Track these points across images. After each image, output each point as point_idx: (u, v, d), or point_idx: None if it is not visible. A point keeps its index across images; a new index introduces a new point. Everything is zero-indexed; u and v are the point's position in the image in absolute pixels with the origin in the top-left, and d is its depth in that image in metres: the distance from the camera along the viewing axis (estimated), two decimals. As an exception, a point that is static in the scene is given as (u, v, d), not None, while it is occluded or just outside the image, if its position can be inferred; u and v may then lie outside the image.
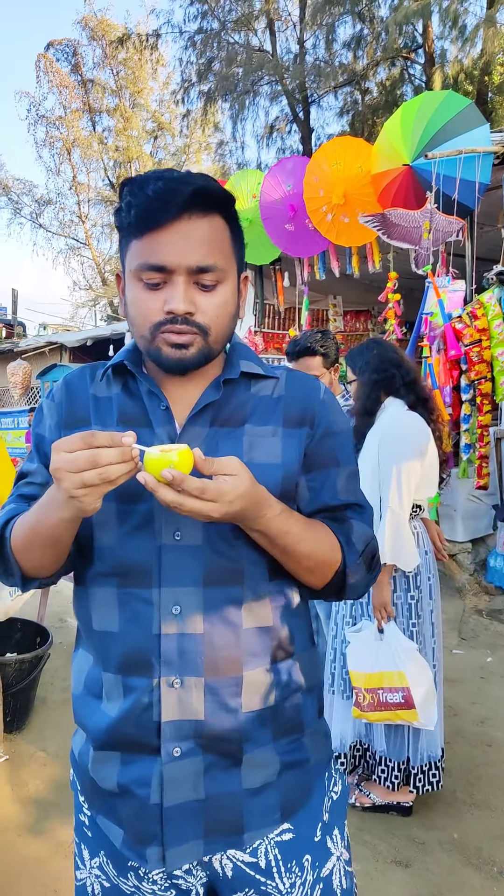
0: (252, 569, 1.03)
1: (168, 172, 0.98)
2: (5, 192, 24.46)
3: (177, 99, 17.55)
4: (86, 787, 1.11)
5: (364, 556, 1.10)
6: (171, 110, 22.65)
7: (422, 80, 13.32)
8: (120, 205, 1.00)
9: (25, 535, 1.01)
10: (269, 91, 15.35)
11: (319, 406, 1.11)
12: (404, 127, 4.87)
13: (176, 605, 0.99)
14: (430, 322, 4.61)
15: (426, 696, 2.41)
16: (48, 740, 3.19)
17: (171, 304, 0.96)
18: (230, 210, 1.02)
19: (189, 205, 0.95)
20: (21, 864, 2.37)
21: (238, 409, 1.07)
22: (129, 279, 1.02)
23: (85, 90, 23.30)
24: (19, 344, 14.17)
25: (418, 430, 2.54)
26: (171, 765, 0.99)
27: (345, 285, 7.41)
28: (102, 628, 1.04)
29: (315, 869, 1.07)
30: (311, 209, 5.64)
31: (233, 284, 1.04)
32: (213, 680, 1.00)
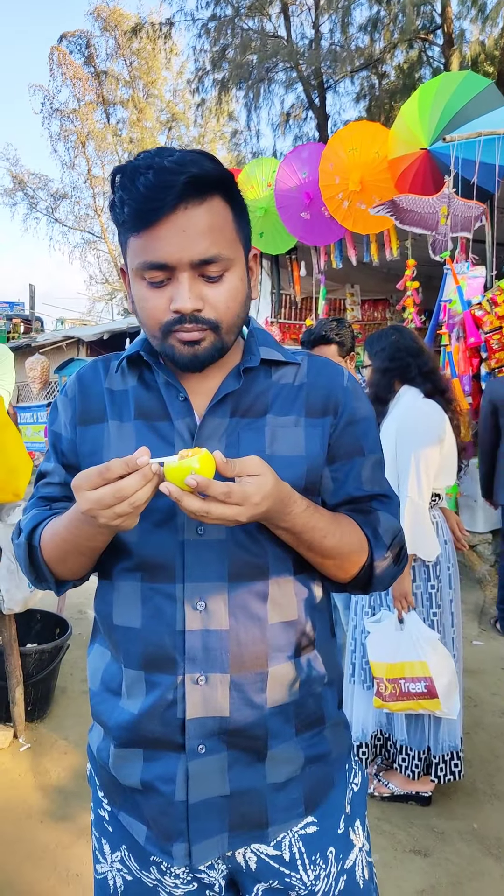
0: (276, 563, 1.02)
1: (159, 157, 0.91)
2: (21, 187, 24.57)
3: (191, 88, 17.47)
4: (105, 783, 1.10)
5: (391, 548, 1.07)
6: (185, 100, 22.60)
7: (440, 61, 13.11)
8: (113, 199, 0.96)
9: (59, 547, 1.01)
10: (284, 78, 15.22)
11: (343, 393, 1.08)
12: (422, 110, 4.80)
13: (200, 600, 0.98)
14: (449, 309, 4.56)
15: (449, 686, 2.40)
16: (69, 729, 3.21)
17: (177, 304, 0.93)
18: (229, 188, 0.97)
19: (184, 195, 0.90)
20: (43, 850, 2.39)
21: (259, 398, 1.04)
22: (132, 277, 0.98)
23: (98, 82, 23.28)
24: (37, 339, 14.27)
25: (435, 418, 2.51)
26: (196, 762, 0.98)
27: (362, 274, 7.35)
28: (124, 623, 1.03)
29: (339, 861, 1.07)
30: (326, 196, 5.59)
31: (241, 269, 0.99)
32: (239, 676, 0.99)
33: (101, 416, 1.06)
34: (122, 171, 0.94)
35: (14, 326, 16.75)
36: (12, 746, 3.01)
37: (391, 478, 2.49)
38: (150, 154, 0.94)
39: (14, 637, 2.99)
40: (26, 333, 16.52)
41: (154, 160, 0.91)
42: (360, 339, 8.34)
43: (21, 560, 1.09)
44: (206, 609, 0.98)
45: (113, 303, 25.70)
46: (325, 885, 1.05)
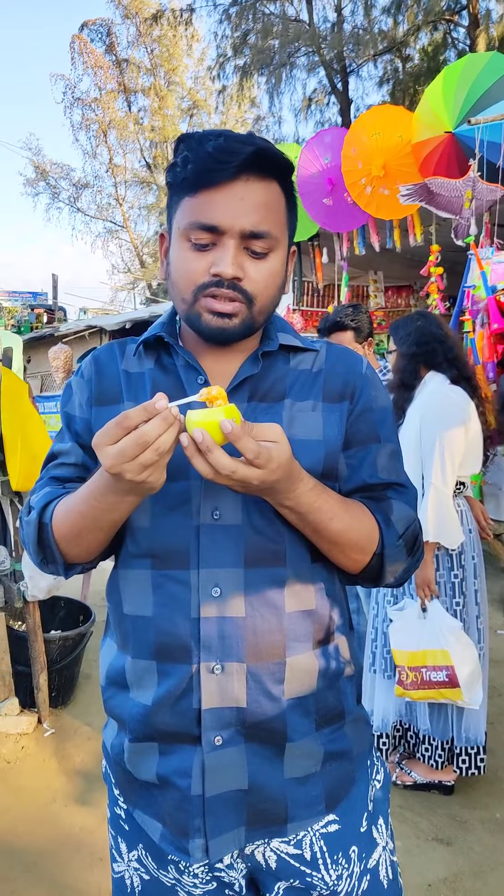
0: (294, 549, 0.99)
1: (227, 131, 0.95)
2: (43, 177, 24.64)
3: (212, 75, 17.37)
4: (120, 780, 1.08)
5: (405, 537, 1.03)
6: (207, 87, 22.47)
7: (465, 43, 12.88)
8: (175, 160, 0.96)
9: (75, 523, 0.97)
10: (306, 62, 15.05)
11: (361, 380, 1.07)
12: (446, 92, 4.70)
13: (216, 586, 0.95)
14: (473, 295, 4.48)
15: (471, 676, 2.38)
16: (93, 715, 3.25)
17: (219, 267, 0.92)
18: (288, 179, 0.98)
19: (248, 166, 0.91)
20: (67, 834, 2.43)
21: (277, 382, 1.03)
22: (175, 238, 0.98)
23: (119, 70, 23.22)
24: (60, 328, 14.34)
25: (461, 405, 2.48)
26: (212, 754, 0.96)
27: (385, 260, 7.26)
28: (134, 612, 1.01)
29: (362, 860, 1.04)
30: (349, 182, 5.51)
31: (283, 255, 1.00)
32: (256, 665, 0.96)
33: (117, 397, 1.05)
34: (191, 137, 0.96)
35: (38, 316, 16.85)
36: (37, 732, 3.05)
37: (415, 464, 2.46)
38: (217, 129, 0.97)
39: (38, 624, 3.02)
40: (49, 323, 16.60)
41: (224, 131, 0.95)
42: (384, 327, 8.27)
43: (29, 540, 1.04)
44: (221, 595, 0.95)
45: (135, 292, 25.73)
46: (347, 886, 1.02)
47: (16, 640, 3.08)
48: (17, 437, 2.77)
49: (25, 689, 3.11)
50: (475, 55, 5.31)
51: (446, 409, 2.47)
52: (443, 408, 2.47)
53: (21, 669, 3.08)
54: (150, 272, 23.68)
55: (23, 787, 2.70)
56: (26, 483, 2.84)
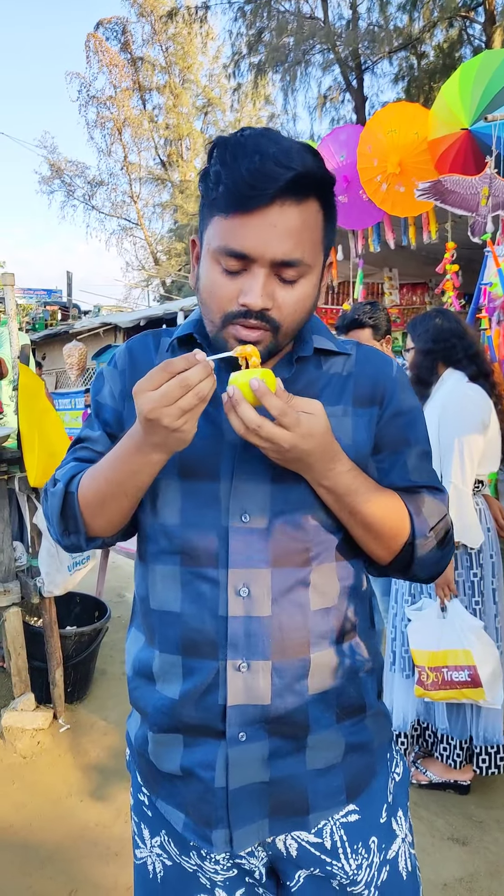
0: (320, 549, 1.01)
1: (265, 140, 0.89)
2: (58, 175, 24.76)
3: (227, 73, 17.38)
4: (144, 770, 1.10)
5: (435, 530, 1.05)
6: (222, 85, 22.50)
7: (481, 40, 12.79)
8: (208, 170, 0.92)
9: (100, 489, 0.99)
10: (321, 60, 15.01)
11: (391, 384, 1.07)
12: (463, 89, 4.68)
13: (244, 586, 0.97)
14: (490, 293, 4.46)
15: (493, 675, 2.38)
16: (108, 711, 3.26)
17: (248, 298, 0.91)
18: (329, 192, 0.94)
19: (285, 191, 0.87)
20: (83, 829, 2.44)
21: (308, 386, 1.03)
22: (206, 256, 0.95)
23: (134, 68, 23.31)
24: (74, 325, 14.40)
25: (480, 403, 2.46)
26: (236, 749, 0.97)
27: (400, 257, 7.22)
28: (162, 608, 1.02)
29: (381, 851, 1.05)
30: (364, 179, 5.50)
31: (316, 276, 0.97)
32: (281, 663, 0.98)
33: None
34: (225, 145, 0.91)
35: (52, 314, 16.94)
36: (52, 727, 3.07)
37: (433, 463, 2.45)
38: (255, 133, 0.91)
39: (54, 619, 3.04)
40: (64, 320, 16.68)
41: (261, 143, 0.88)
42: (400, 324, 8.24)
43: (52, 510, 1.05)
44: (249, 595, 0.97)
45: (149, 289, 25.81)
46: (367, 875, 1.03)
47: (32, 636, 3.10)
48: (35, 433, 2.79)
49: (41, 684, 3.13)
50: (492, 52, 5.27)
51: (465, 408, 2.45)
52: (462, 406, 2.45)
53: (37, 665, 3.10)
54: (164, 269, 23.74)
55: (38, 782, 2.72)
56: (44, 479, 2.85)
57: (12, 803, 2.57)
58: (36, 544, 2.98)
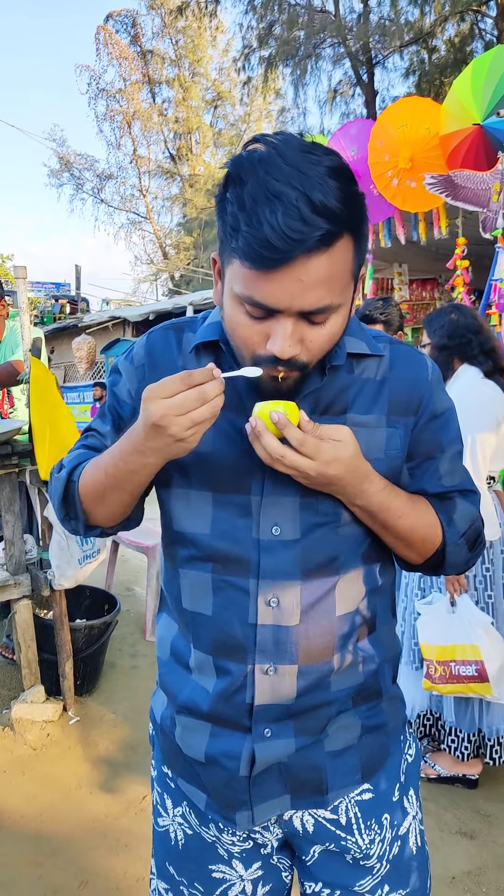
0: (348, 558, 1.02)
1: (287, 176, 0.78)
2: (67, 168, 24.77)
3: (237, 66, 17.31)
4: (167, 750, 1.13)
5: (466, 535, 1.07)
6: (231, 78, 22.44)
7: (493, 34, 12.71)
8: (223, 204, 0.85)
9: (100, 482, 1.01)
10: (331, 54, 14.97)
11: (426, 388, 1.04)
12: (475, 84, 4.66)
13: (273, 597, 0.98)
14: (500, 289, 4.44)
15: (501, 670, 2.38)
16: (117, 703, 3.28)
17: (276, 348, 0.85)
18: (360, 224, 0.86)
19: (312, 247, 0.79)
20: (93, 820, 2.45)
21: (340, 394, 1.00)
22: (228, 295, 0.89)
23: (144, 61, 23.27)
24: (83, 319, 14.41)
25: (495, 400, 2.46)
26: (261, 744, 1.01)
27: (410, 253, 7.20)
28: (194, 609, 1.04)
29: (393, 827, 1.09)
30: (375, 174, 5.48)
31: (347, 307, 0.91)
32: (307, 666, 1.00)
33: None
34: (242, 178, 0.82)
35: (61, 307, 16.96)
36: (62, 719, 3.08)
37: None
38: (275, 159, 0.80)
39: (64, 612, 3.05)
40: (72, 314, 16.70)
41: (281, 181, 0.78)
42: (409, 320, 8.21)
43: (55, 495, 1.08)
44: (278, 605, 0.98)
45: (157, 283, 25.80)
46: (379, 850, 1.07)
47: (42, 629, 3.12)
48: (46, 426, 2.80)
49: (51, 677, 3.15)
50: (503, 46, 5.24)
51: (481, 405, 2.44)
52: (477, 403, 2.45)
53: (47, 657, 3.12)
54: (172, 264, 23.72)
55: (48, 773, 2.73)
56: (54, 473, 2.86)
57: (23, 794, 2.59)
58: (46, 537, 2.99)
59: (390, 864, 1.08)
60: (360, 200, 0.85)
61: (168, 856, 1.15)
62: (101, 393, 10.51)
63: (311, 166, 0.80)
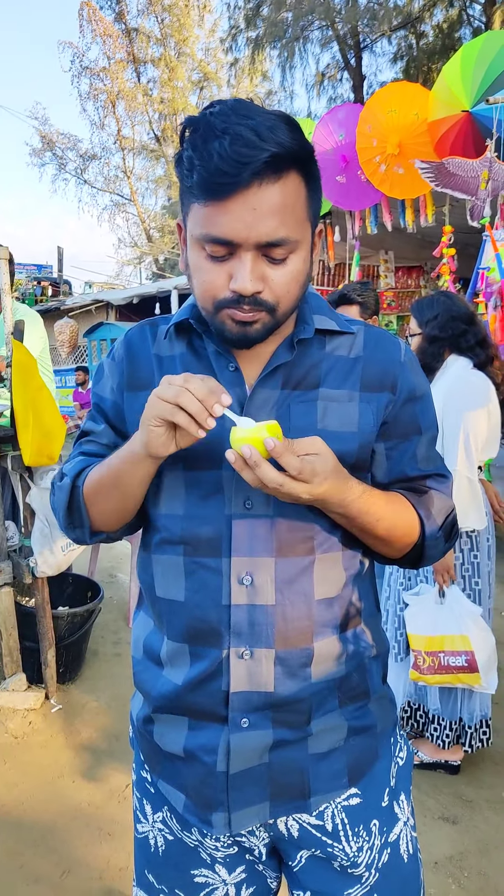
0: (324, 537, 1.00)
1: (236, 117, 0.84)
2: (50, 148, 24.38)
3: (224, 47, 17.12)
4: (146, 750, 1.11)
5: (443, 528, 1.07)
6: (218, 59, 22.17)
7: (481, 21, 12.67)
8: (181, 154, 0.89)
9: (101, 483, 1.01)
10: (319, 37, 14.85)
11: (400, 368, 1.04)
12: (464, 70, 4.62)
13: (247, 575, 0.97)
14: (487, 277, 4.44)
15: (489, 661, 2.40)
16: (100, 691, 3.26)
17: (238, 284, 0.88)
18: (309, 163, 0.90)
19: (261, 172, 0.83)
20: (76, 809, 2.44)
21: (312, 369, 1.01)
22: (190, 243, 0.93)
23: (129, 39, 22.89)
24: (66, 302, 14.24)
25: (484, 391, 2.46)
26: (238, 735, 0.98)
27: (397, 240, 7.17)
28: (167, 596, 1.02)
29: (383, 834, 1.06)
30: (363, 160, 5.44)
31: (305, 250, 0.94)
32: (284, 651, 0.98)
33: (150, 382, 1.04)
34: (195, 127, 0.87)
35: (43, 289, 16.75)
36: (44, 707, 3.06)
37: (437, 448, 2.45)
38: (226, 110, 0.86)
39: (46, 600, 3.03)
40: (54, 297, 16.50)
41: (230, 121, 0.84)
42: (395, 308, 8.20)
43: (59, 504, 1.07)
44: (252, 584, 0.97)
45: (141, 266, 25.57)
46: (367, 858, 1.04)
47: (24, 616, 3.09)
48: (29, 411, 2.75)
49: (33, 664, 3.12)
50: (494, 33, 5.21)
51: (471, 396, 2.44)
52: (467, 394, 2.44)
53: (29, 645, 3.09)
54: (157, 247, 23.52)
55: (30, 762, 2.72)
56: (38, 458, 2.82)
57: (4, 783, 2.58)
58: (29, 524, 2.96)
59: (380, 872, 1.05)
60: (308, 144, 0.89)
61: (147, 863, 1.13)
62: (84, 377, 10.41)
63: (259, 113, 0.86)
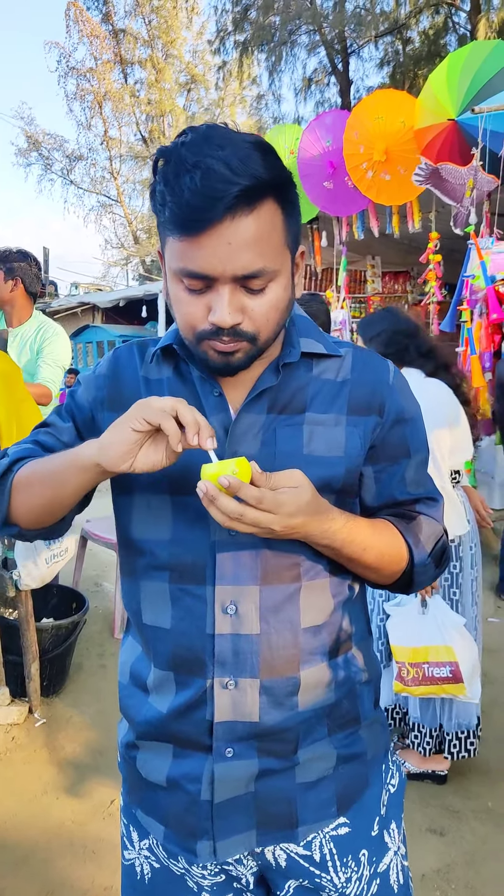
0: (311, 564, 0.98)
1: (208, 148, 0.83)
2: (36, 148, 24.24)
3: (212, 49, 17.10)
4: (129, 778, 1.09)
5: (433, 555, 1.06)
6: (206, 62, 22.14)
7: (466, 28, 12.74)
8: (153, 187, 0.88)
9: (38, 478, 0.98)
10: (307, 41, 14.89)
11: (389, 391, 1.04)
12: (450, 79, 4.64)
13: (231, 604, 0.95)
14: (472, 285, 4.46)
15: (472, 671, 2.39)
16: (84, 705, 3.23)
17: (216, 317, 0.87)
18: (285, 187, 0.89)
19: (233, 206, 0.82)
20: (59, 827, 2.41)
21: (298, 393, 1.00)
22: (169, 274, 0.92)
23: (116, 40, 22.80)
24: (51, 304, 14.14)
25: (441, 397, 2.44)
26: (222, 764, 0.96)
27: (383, 245, 7.21)
28: (153, 623, 1.01)
29: (372, 864, 1.05)
30: (350, 166, 5.45)
31: (286, 277, 0.93)
32: (269, 681, 0.96)
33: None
34: (166, 160, 0.86)
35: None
36: (27, 722, 3.03)
37: None
38: (197, 139, 0.85)
39: (30, 613, 2.99)
40: (40, 298, 16.40)
41: (202, 152, 0.82)
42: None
43: None
44: (236, 613, 0.95)
45: (128, 268, 25.48)
46: (356, 888, 1.03)
47: (7, 629, 3.05)
48: (13, 422, 2.71)
49: (16, 678, 3.08)
50: (480, 42, 5.23)
51: (428, 405, 2.40)
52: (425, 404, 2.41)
53: (12, 659, 3.05)
54: (143, 248, 23.45)
55: (13, 778, 2.68)
56: (21, 472, 2.78)
57: (-14, 800, 2.54)
58: (12, 537, 2.92)
59: None
60: (284, 170, 0.88)
61: (134, 891, 1.11)
62: (72, 380, 10.35)
63: (231, 142, 0.84)
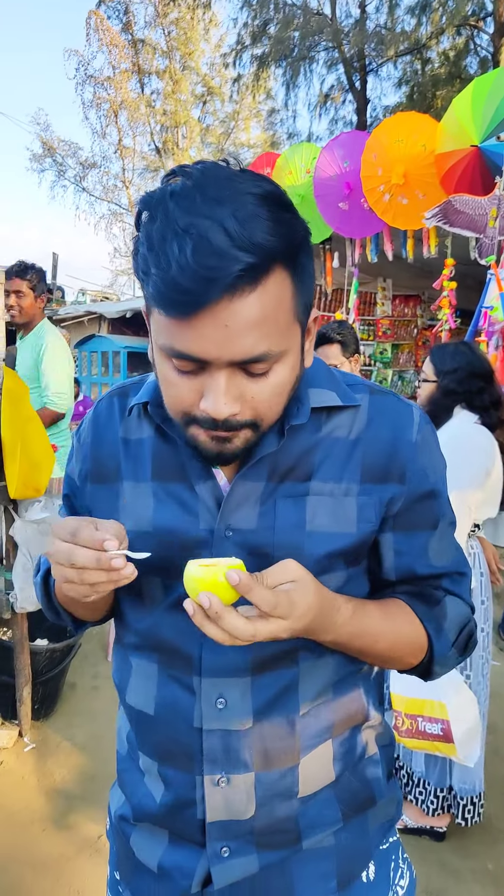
0: (308, 645, 0.86)
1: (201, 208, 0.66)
2: (50, 154, 24.28)
3: (228, 62, 17.15)
4: (119, 852, 1.00)
5: (457, 644, 0.93)
6: (222, 74, 22.16)
7: (489, 50, 12.74)
8: (136, 247, 0.72)
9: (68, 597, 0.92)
10: (325, 58, 14.91)
11: (411, 451, 0.87)
12: (475, 105, 4.59)
13: (220, 698, 0.85)
14: (490, 316, 4.39)
15: (469, 733, 2.23)
16: (76, 728, 3.14)
17: (210, 407, 0.72)
18: (297, 253, 0.73)
19: (234, 285, 0.66)
20: (45, 861, 2.32)
21: (303, 457, 0.85)
22: (154, 347, 0.77)
23: (135, 50, 22.86)
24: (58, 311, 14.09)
25: (487, 448, 2.33)
26: (220, 865, 0.87)
27: (395, 268, 7.14)
28: (137, 706, 0.92)
29: None
30: (367, 188, 5.40)
31: (294, 355, 0.77)
32: (266, 774, 0.86)
33: (116, 473, 0.91)
34: (151, 214, 0.69)
35: (36, 296, 16.60)
36: (17, 746, 2.94)
37: None
38: (189, 190, 0.68)
39: (25, 635, 2.91)
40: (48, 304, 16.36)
41: (195, 210, 0.66)
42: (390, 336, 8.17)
43: (38, 598, 1.04)
44: (226, 707, 0.85)
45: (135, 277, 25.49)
46: None
47: (0, 650, 2.96)
48: (18, 442, 2.64)
49: (7, 700, 2.99)
50: (505, 68, 5.19)
51: (473, 452, 2.29)
52: (469, 449, 2.29)
53: (4, 680, 2.96)
54: (152, 258, 23.41)
55: (1, 807, 2.59)
56: (24, 490, 2.71)
57: (-29, 831, 2.45)
58: (11, 557, 2.84)
59: None
60: (296, 228, 0.72)
61: None
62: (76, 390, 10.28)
63: (232, 194, 0.67)
